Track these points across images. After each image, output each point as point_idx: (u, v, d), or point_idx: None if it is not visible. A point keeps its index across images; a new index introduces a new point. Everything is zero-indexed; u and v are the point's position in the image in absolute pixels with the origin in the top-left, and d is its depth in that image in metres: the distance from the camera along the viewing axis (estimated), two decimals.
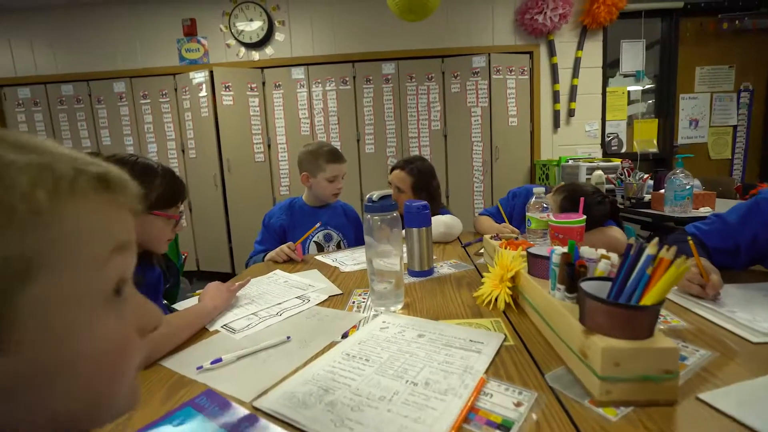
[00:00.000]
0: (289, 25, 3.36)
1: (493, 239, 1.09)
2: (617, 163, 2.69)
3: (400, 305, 0.83)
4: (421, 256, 1.02)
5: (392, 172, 1.68)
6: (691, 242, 0.77)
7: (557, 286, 0.61)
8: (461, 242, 1.44)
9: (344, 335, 0.71)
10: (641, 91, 3.55)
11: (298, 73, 3.30)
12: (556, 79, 3.36)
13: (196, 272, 3.52)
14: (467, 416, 0.46)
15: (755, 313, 0.69)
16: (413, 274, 1.04)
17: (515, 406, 0.47)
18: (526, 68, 3.34)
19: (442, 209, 1.68)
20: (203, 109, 3.21)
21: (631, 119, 3.55)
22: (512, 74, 3.31)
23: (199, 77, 3.19)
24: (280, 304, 0.90)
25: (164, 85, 3.35)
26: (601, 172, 2.53)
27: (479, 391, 0.50)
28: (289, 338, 0.71)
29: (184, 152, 3.42)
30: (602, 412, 0.45)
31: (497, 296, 0.80)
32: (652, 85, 3.57)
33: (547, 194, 1.23)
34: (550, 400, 0.48)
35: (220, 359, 0.63)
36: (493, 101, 3.27)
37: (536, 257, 0.72)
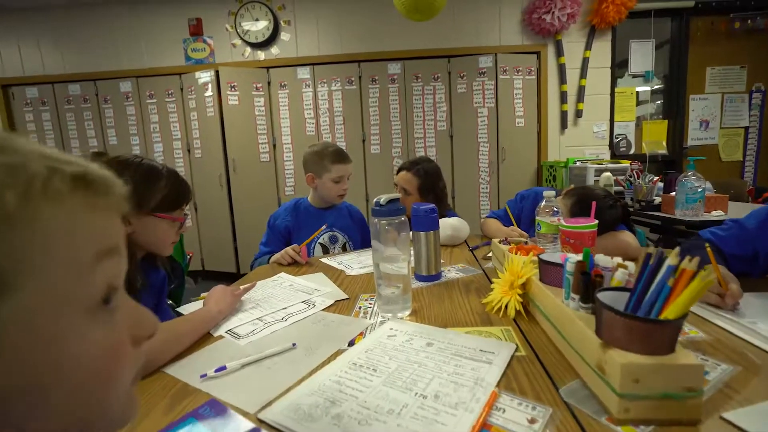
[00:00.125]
0: (294, 24, 3.35)
1: (502, 243, 1.07)
2: (626, 164, 2.65)
3: (407, 311, 0.82)
4: (428, 260, 1.00)
5: (398, 173, 1.66)
6: (708, 249, 0.74)
7: (571, 295, 0.59)
8: (468, 245, 1.42)
9: (351, 343, 0.70)
10: (650, 91, 3.51)
11: (303, 73, 3.29)
12: (563, 79, 3.33)
13: (201, 272, 3.53)
14: None
15: None
16: (420, 278, 1.02)
17: (529, 422, 0.46)
18: (533, 68, 3.31)
19: (448, 211, 1.66)
20: (209, 108, 3.22)
21: (639, 120, 3.50)
22: (519, 74, 3.28)
23: (204, 77, 3.19)
24: (285, 308, 0.88)
25: (170, 84, 3.36)
26: (609, 174, 2.50)
27: (491, 405, 0.48)
28: (294, 345, 0.69)
29: (189, 152, 3.43)
30: (621, 430, 0.43)
31: (507, 303, 0.78)
32: (661, 85, 3.52)
33: (556, 197, 1.21)
34: (565, 416, 0.46)
35: (224, 367, 0.62)
36: (499, 102, 3.24)
37: (549, 264, 0.70)
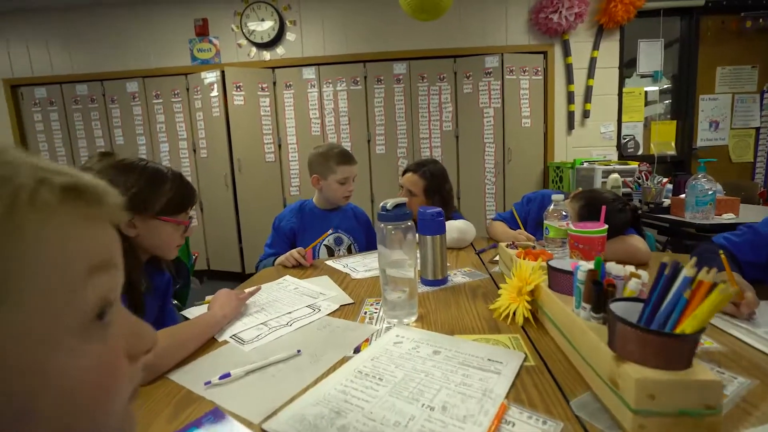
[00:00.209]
0: (300, 24, 3.34)
1: (509, 247, 1.05)
2: (634, 166, 2.62)
3: (413, 317, 0.81)
4: (434, 264, 0.99)
5: (404, 175, 1.65)
6: (722, 256, 0.73)
7: (582, 304, 0.58)
8: (475, 248, 1.40)
9: (356, 350, 0.69)
10: (659, 91, 3.46)
11: (309, 73, 3.28)
12: (570, 79, 3.30)
13: (206, 271, 3.54)
14: None
15: None
16: (426, 282, 1.01)
17: None
18: (540, 68, 3.28)
19: (454, 213, 1.65)
20: (214, 109, 3.22)
21: (648, 121, 3.46)
22: (526, 74, 3.25)
23: (210, 77, 3.20)
24: (290, 313, 0.87)
25: (176, 84, 3.37)
26: (617, 175, 2.46)
27: (500, 418, 0.47)
28: (299, 352, 0.68)
29: (195, 152, 3.44)
30: None
31: (515, 310, 0.76)
32: (669, 85, 3.48)
33: (564, 200, 1.19)
34: (577, 431, 0.45)
35: (228, 374, 0.61)
36: (506, 102, 3.22)
37: (558, 272, 0.68)
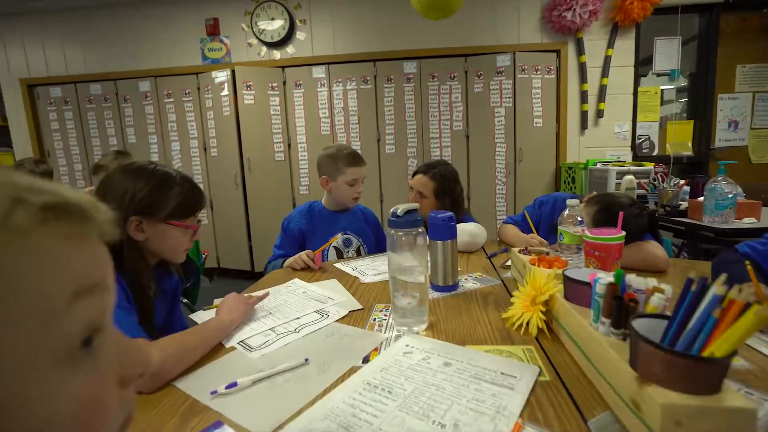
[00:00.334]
0: (310, 23, 3.34)
1: (522, 253, 1.03)
2: (650, 167, 2.56)
3: (423, 325, 0.79)
4: (445, 270, 0.97)
5: (414, 176, 1.63)
6: (749, 266, 0.69)
7: (601, 318, 0.55)
8: (486, 252, 1.38)
9: (365, 359, 0.67)
10: (675, 90, 3.38)
11: (318, 72, 3.27)
12: (584, 78, 3.23)
13: (216, 269, 3.56)
14: None
15: None
16: (437, 288, 0.99)
17: None
18: (552, 67, 3.22)
19: (465, 216, 1.62)
20: (225, 108, 3.23)
21: (663, 120, 3.38)
22: (538, 73, 3.20)
23: (221, 76, 3.21)
24: (298, 318, 0.86)
25: (187, 84, 3.39)
26: (632, 176, 2.40)
27: None
28: (307, 361, 0.67)
29: (206, 151, 3.46)
30: None
31: (529, 320, 0.74)
32: (686, 83, 3.39)
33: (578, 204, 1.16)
34: None
35: (235, 383, 0.60)
36: (517, 101, 3.17)
37: (575, 282, 0.66)
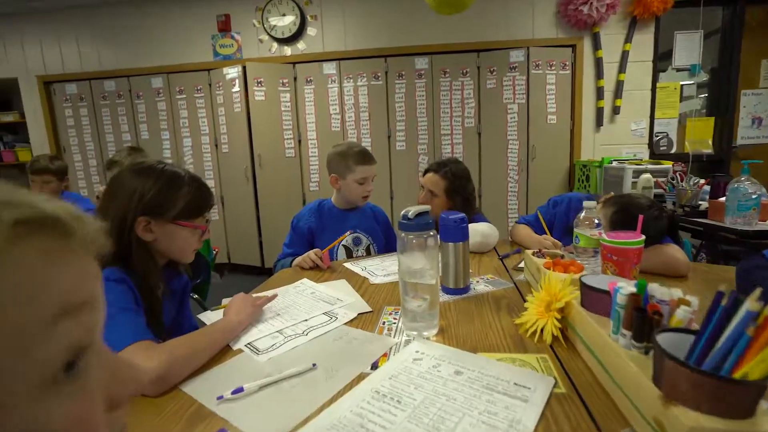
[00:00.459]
0: (321, 19, 3.31)
1: (536, 255, 1.00)
2: (668, 165, 2.48)
3: (434, 330, 0.77)
4: (456, 272, 0.95)
5: (425, 174, 1.61)
6: None
7: (622, 330, 0.53)
8: (498, 253, 1.35)
9: (374, 365, 0.66)
10: (696, 86, 3.27)
11: (329, 68, 3.26)
12: (600, 74, 3.15)
13: (227, 264, 3.59)
14: None
15: None
16: (447, 291, 0.97)
17: None
18: (567, 63, 3.15)
19: (476, 215, 1.60)
20: (236, 104, 3.24)
21: (683, 117, 3.28)
22: (552, 69, 3.13)
23: (232, 73, 3.21)
24: (306, 320, 0.85)
25: (199, 80, 3.41)
26: (649, 175, 2.34)
27: None
28: (314, 366, 0.66)
29: (217, 147, 3.47)
30: None
31: (543, 327, 0.72)
32: (707, 78, 3.27)
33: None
34: None
35: (241, 388, 0.59)
36: (531, 98, 3.11)
37: (593, 290, 0.63)
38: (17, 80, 3.59)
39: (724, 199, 1.72)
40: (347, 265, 1.29)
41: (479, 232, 1.35)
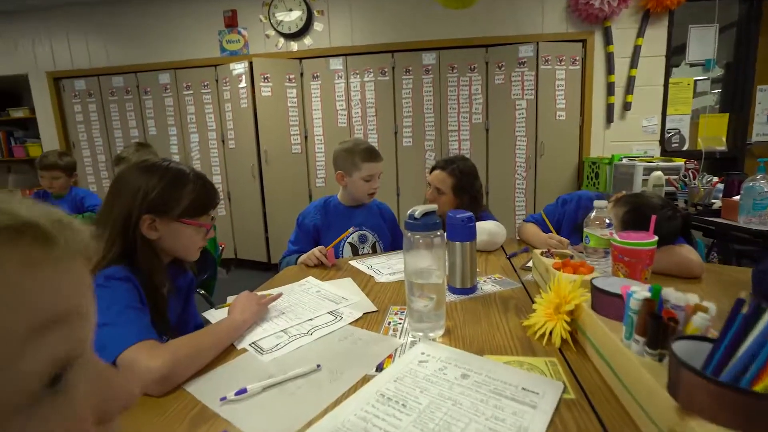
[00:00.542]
0: (328, 14, 3.29)
1: (544, 255, 0.98)
2: (680, 163, 2.44)
3: (440, 331, 0.76)
4: (463, 272, 0.94)
5: (432, 172, 1.59)
6: None
7: (635, 336, 0.51)
8: (505, 252, 1.33)
9: (379, 367, 0.65)
10: (710, 81, 3.20)
11: (336, 63, 3.23)
12: (611, 69, 3.09)
13: (234, 260, 3.61)
14: None
15: None
16: (454, 291, 0.95)
17: None
18: (577, 58, 3.10)
19: (484, 213, 1.57)
20: (242, 100, 3.24)
21: (696, 113, 3.22)
22: (562, 64, 3.08)
23: (239, 68, 3.21)
24: (311, 320, 0.85)
25: (206, 76, 3.41)
26: (660, 173, 2.30)
27: None
28: (319, 367, 0.65)
29: (224, 143, 3.48)
30: None
31: (552, 329, 0.70)
32: (721, 74, 3.20)
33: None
34: None
35: (245, 390, 0.59)
36: (540, 93, 3.07)
37: (604, 293, 0.62)
38: (27, 76, 3.62)
39: (738, 197, 1.68)
40: (353, 263, 1.28)
41: (486, 230, 1.33)
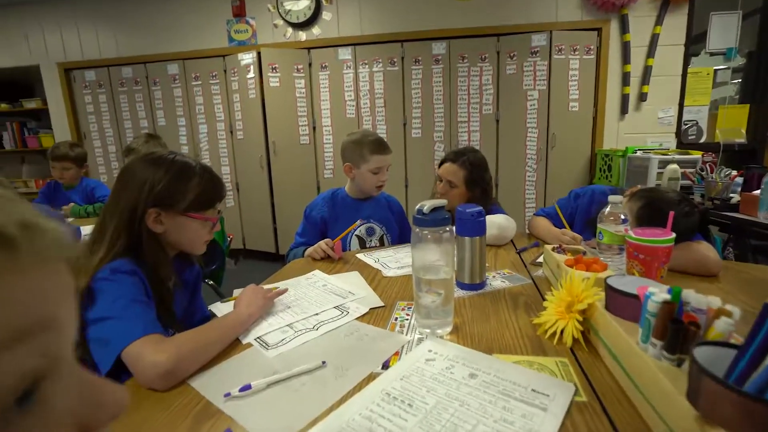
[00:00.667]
0: (336, 3, 3.24)
1: (555, 251, 0.96)
2: (697, 156, 2.37)
3: (448, 328, 0.74)
4: (472, 268, 0.92)
5: (441, 165, 1.56)
6: None
7: (652, 340, 0.49)
8: (515, 246, 1.31)
9: (385, 365, 0.64)
10: (730, 71, 3.09)
11: (344, 53, 3.19)
12: (627, 59, 3.00)
13: (242, 250, 3.63)
14: None
15: None
16: (463, 287, 0.94)
17: None
18: (592, 47, 3.01)
19: (494, 206, 1.55)
20: (251, 90, 3.22)
21: (714, 105, 3.12)
22: (576, 54, 2.99)
23: (247, 59, 3.19)
24: (317, 315, 0.84)
25: (214, 66, 3.39)
26: (676, 166, 2.24)
27: None
28: (324, 363, 0.64)
29: (232, 133, 3.48)
30: None
31: (563, 328, 0.68)
32: (743, 63, 3.08)
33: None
34: None
35: (249, 386, 0.58)
36: (552, 84, 2.99)
37: (619, 293, 0.59)
38: (39, 67, 3.64)
39: (758, 192, 1.63)
40: (360, 256, 1.27)
41: (496, 224, 1.31)
